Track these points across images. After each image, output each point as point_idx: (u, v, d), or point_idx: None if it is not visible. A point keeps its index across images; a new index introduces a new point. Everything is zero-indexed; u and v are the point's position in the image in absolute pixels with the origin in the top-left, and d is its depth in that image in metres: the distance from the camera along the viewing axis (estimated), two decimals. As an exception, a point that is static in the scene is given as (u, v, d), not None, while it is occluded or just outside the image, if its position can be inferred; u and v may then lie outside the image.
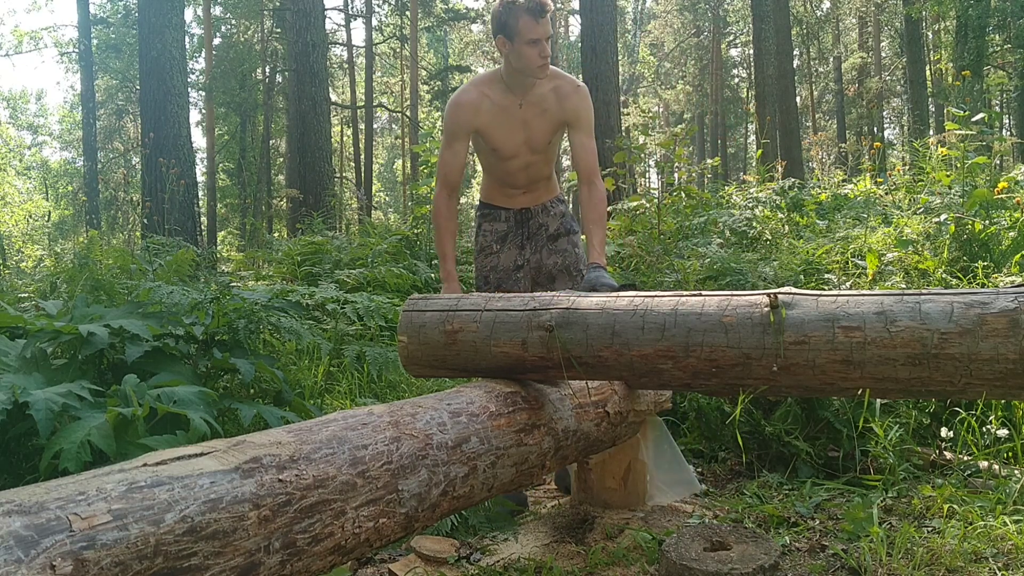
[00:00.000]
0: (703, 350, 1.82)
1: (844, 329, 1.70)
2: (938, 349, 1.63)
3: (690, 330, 1.84)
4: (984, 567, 2.10)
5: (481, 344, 2.10)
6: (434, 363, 2.20)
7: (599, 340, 1.95)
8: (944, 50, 18.89)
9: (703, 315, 1.85)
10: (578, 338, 1.97)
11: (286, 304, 3.25)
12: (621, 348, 1.92)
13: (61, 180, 29.80)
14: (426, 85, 27.55)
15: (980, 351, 1.60)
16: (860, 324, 1.69)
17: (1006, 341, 1.57)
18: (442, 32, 31.25)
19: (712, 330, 1.82)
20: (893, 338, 1.66)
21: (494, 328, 2.08)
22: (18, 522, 1.00)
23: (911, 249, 4.56)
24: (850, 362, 1.70)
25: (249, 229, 17.04)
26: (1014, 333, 1.57)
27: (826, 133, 27.49)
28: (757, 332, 1.77)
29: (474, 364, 2.15)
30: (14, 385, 2.07)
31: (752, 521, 2.56)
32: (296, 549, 1.32)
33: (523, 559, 2.28)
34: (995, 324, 1.59)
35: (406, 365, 2.27)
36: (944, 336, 1.62)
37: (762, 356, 1.77)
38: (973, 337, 1.60)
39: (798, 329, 1.74)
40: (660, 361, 1.89)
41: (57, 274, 4.68)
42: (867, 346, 1.68)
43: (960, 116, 4.94)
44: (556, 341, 1.98)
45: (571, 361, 1.99)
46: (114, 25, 25.77)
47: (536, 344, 2.03)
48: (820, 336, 1.72)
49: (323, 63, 13.43)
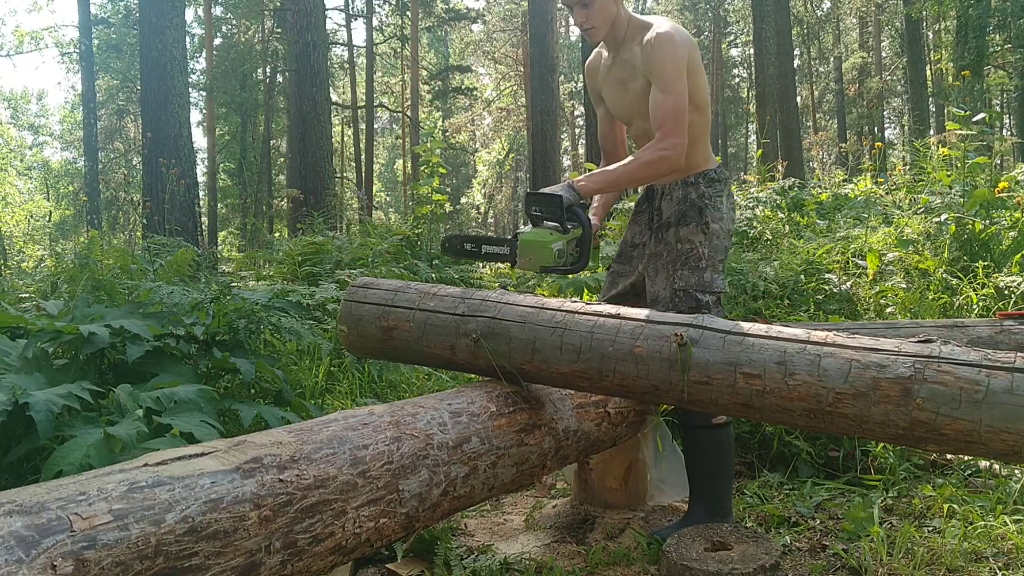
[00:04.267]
0: (616, 376, 1.88)
1: (745, 376, 1.72)
2: (832, 407, 1.62)
3: (603, 356, 1.89)
4: (984, 567, 2.10)
5: (414, 343, 2.17)
6: (375, 353, 2.33)
7: (521, 354, 2.01)
8: (944, 50, 18.88)
9: (616, 342, 1.89)
10: (502, 350, 2.02)
11: (287, 304, 3.25)
12: (541, 364, 1.98)
13: (62, 180, 29.82)
14: (427, 85, 27.55)
15: (872, 415, 1.58)
16: (761, 373, 1.70)
17: (896, 409, 1.55)
18: (443, 32, 31.26)
19: (624, 359, 1.86)
20: (791, 391, 1.66)
21: (425, 330, 2.15)
22: (19, 522, 1.00)
23: (911, 249, 4.56)
24: (750, 407, 1.73)
25: (250, 229, 17.04)
26: (905, 403, 1.54)
27: (826, 133, 27.51)
28: (664, 367, 1.81)
29: (410, 359, 2.27)
30: (15, 385, 2.07)
31: (753, 521, 2.56)
32: (297, 549, 1.32)
33: (523, 559, 2.28)
34: (888, 391, 1.56)
35: (348, 350, 2.39)
36: (839, 396, 1.61)
37: (669, 389, 1.82)
38: (866, 401, 1.58)
39: (702, 371, 1.77)
40: (578, 380, 1.96)
41: (58, 274, 4.68)
42: (766, 395, 1.69)
43: (961, 116, 4.94)
44: (482, 349, 2.04)
45: (495, 370, 2.05)
46: (115, 25, 25.78)
47: (463, 350, 2.09)
48: (722, 380, 1.74)
49: (324, 63, 13.44)
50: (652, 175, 2.34)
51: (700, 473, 2.43)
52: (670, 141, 2.25)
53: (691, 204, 2.42)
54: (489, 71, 33.31)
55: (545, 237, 2.20)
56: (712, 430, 2.37)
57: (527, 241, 2.21)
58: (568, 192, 2.23)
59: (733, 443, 2.47)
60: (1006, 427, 1.47)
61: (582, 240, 2.26)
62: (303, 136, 12.80)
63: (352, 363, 3.81)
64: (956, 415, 1.50)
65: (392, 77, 31.74)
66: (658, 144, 2.26)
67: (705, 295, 2.34)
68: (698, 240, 2.39)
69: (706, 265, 2.37)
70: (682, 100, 2.26)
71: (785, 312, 3.99)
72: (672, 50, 2.27)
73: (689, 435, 2.45)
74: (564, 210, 2.21)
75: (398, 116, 29.73)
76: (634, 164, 2.30)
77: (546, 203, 2.23)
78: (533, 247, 2.19)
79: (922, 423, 1.53)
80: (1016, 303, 3.84)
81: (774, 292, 4.16)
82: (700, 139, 2.43)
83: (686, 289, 2.35)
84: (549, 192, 2.24)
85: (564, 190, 2.24)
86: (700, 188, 2.43)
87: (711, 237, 2.39)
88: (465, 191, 34.70)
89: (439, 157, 6.57)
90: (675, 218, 2.43)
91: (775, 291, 4.17)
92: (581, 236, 2.25)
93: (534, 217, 2.27)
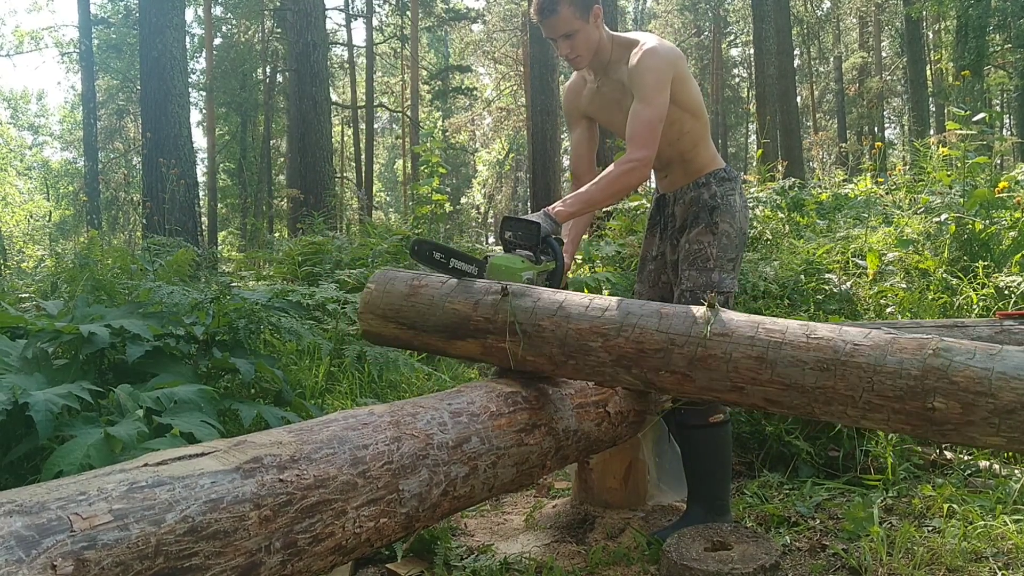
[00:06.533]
0: (633, 332, 1.92)
1: (767, 329, 1.79)
2: (848, 357, 1.67)
3: (628, 313, 1.95)
4: (984, 566, 2.11)
5: (438, 299, 2.20)
6: (388, 314, 2.29)
7: (545, 309, 2.04)
8: (944, 50, 18.89)
9: (644, 307, 1.97)
10: (527, 305, 2.06)
11: (286, 304, 3.25)
12: (561, 320, 2.01)
13: (62, 180, 29.81)
14: (427, 85, 27.55)
15: (886, 364, 1.62)
16: (783, 328, 1.78)
17: (911, 358, 1.61)
18: (443, 32, 31.27)
19: (648, 316, 1.93)
20: (808, 343, 1.73)
21: (455, 289, 2.20)
22: (19, 522, 1.00)
23: (911, 249, 4.57)
24: (763, 360, 1.76)
25: (250, 229, 17.05)
26: (919, 351, 1.62)
27: (827, 133, 27.50)
28: (688, 322, 1.88)
29: (423, 320, 2.23)
30: (15, 385, 2.07)
31: (753, 521, 2.56)
32: (297, 549, 1.32)
33: (523, 559, 2.28)
34: (905, 344, 1.64)
35: (362, 312, 2.35)
36: (856, 347, 1.68)
37: (684, 344, 1.85)
38: (882, 352, 1.64)
39: (724, 324, 1.84)
40: (592, 338, 1.96)
41: (58, 274, 4.68)
42: (783, 346, 1.75)
43: (961, 116, 4.94)
44: (507, 304, 2.07)
45: (514, 326, 2.05)
46: (115, 25, 25.77)
47: (486, 305, 2.11)
48: (743, 332, 1.80)
49: (324, 63, 13.45)
50: (623, 187, 2.37)
51: (698, 472, 2.44)
52: (640, 153, 2.28)
53: (703, 205, 2.45)
54: (489, 71, 33.30)
55: (516, 264, 2.19)
56: (709, 429, 2.38)
57: (497, 265, 2.20)
58: (546, 221, 2.23)
59: (731, 442, 2.48)
60: (1018, 374, 1.50)
61: (553, 274, 2.26)
62: (303, 136, 12.80)
63: (352, 363, 3.81)
64: (970, 363, 1.55)
65: (392, 77, 31.74)
66: (627, 156, 2.30)
67: (712, 296, 2.35)
68: (707, 240, 2.41)
69: (714, 266, 2.39)
70: (659, 113, 2.30)
71: (785, 312, 4.00)
72: (654, 64, 2.31)
73: (686, 435, 2.46)
74: (540, 239, 2.20)
75: (398, 116, 29.74)
76: (604, 180, 2.31)
77: (523, 230, 2.22)
78: (502, 272, 2.18)
79: (935, 370, 1.57)
80: (1016, 303, 3.84)
81: (774, 292, 4.17)
82: (702, 141, 2.48)
83: (692, 290, 2.38)
84: (527, 219, 2.23)
85: (542, 219, 2.23)
86: (712, 188, 2.46)
87: (719, 237, 2.41)
88: (465, 191, 34.69)
89: (439, 157, 6.57)
90: (689, 220, 2.47)
91: (775, 291, 4.17)
92: (553, 270, 2.25)
93: (507, 242, 2.27)
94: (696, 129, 2.46)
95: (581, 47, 2.40)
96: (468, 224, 25.70)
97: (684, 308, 1.92)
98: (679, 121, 2.42)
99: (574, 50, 2.40)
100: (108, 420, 2.07)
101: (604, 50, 2.44)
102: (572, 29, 2.36)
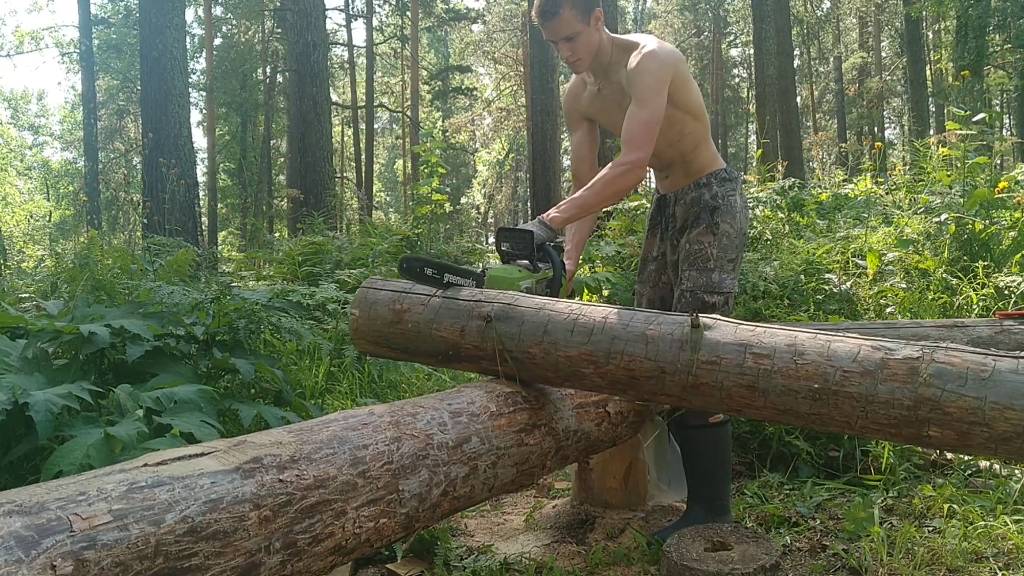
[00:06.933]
0: (623, 359, 1.86)
1: (755, 356, 1.72)
2: (838, 386, 1.62)
3: (614, 338, 1.88)
4: (984, 567, 2.10)
5: (424, 326, 2.15)
6: (379, 340, 2.26)
7: (531, 336, 1.99)
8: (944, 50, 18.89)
9: (629, 326, 1.89)
10: (512, 331, 2.01)
11: (286, 304, 3.25)
12: (549, 347, 1.97)
13: (62, 180, 29.81)
14: (427, 85, 27.56)
15: (877, 393, 1.58)
16: (770, 353, 1.70)
17: (903, 387, 1.57)
18: (443, 32, 31.28)
19: (634, 340, 1.85)
20: (798, 370, 1.67)
21: (439, 313, 2.13)
22: (19, 522, 1.00)
23: (911, 249, 4.56)
24: (755, 389, 1.71)
25: (250, 229, 17.05)
26: (911, 380, 1.57)
27: (826, 133, 27.50)
28: (675, 347, 1.81)
29: (414, 346, 2.19)
30: (15, 385, 2.07)
31: (753, 521, 2.56)
32: (297, 549, 1.32)
33: (523, 559, 2.28)
34: (895, 369, 1.58)
35: (354, 338, 2.33)
36: (846, 374, 1.62)
37: (675, 372, 1.80)
38: (872, 379, 1.59)
39: (712, 350, 1.77)
40: (583, 364, 1.93)
41: (58, 274, 4.68)
42: (773, 375, 1.69)
43: (960, 116, 4.94)
44: (492, 331, 2.02)
45: (503, 354, 2.01)
46: (115, 25, 25.78)
47: (473, 333, 2.07)
48: (731, 360, 1.74)
49: (324, 63, 13.45)
50: (618, 190, 2.36)
51: (698, 472, 2.44)
52: (634, 155, 2.27)
53: (704, 205, 2.44)
54: (489, 71, 33.31)
55: (513, 274, 2.18)
56: (709, 429, 2.38)
57: (495, 277, 2.18)
58: (540, 228, 2.23)
59: (730, 442, 2.48)
60: (1011, 403, 1.48)
61: (552, 281, 2.25)
62: (303, 136, 12.80)
63: (352, 363, 3.81)
64: (962, 392, 1.52)
65: (392, 77, 31.75)
66: (621, 159, 2.29)
67: (712, 296, 2.36)
68: (707, 241, 2.41)
69: (714, 266, 2.40)
70: (655, 115, 2.29)
71: (785, 312, 3.99)
72: (652, 66, 2.30)
73: (686, 435, 2.46)
74: (535, 248, 2.19)
75: (398, 116, 29.74)
76: (599, 184, 2.29)
77: (517, 239, 2.21)
78: (500, 283, 2.17)
79: (927, 400, 1.54)
80: (1016, 303, 3.84)
81: (774, 292, 4.16)
82: (703, 142, 2.49)
83: (692, 290, 2.38)
84: (520, 228, 2.22)
85: (536, 226, 2.23)
86: (713, 188, 2.46)
87: (720, 238, 2.41)
88: (465, 191, 34.69)
89: (439, 157, 6.57)
90: (690, 221, 2.46)
91: (775, 291, 4.17)
92: (552, 277, 2.24)
93: (504, 253, 2.26)
94: (697, 130, 2.46)
95: (582, 50, 2.40)
96: (468, 224, 25.68)
97: (670, 328, 1.85)
98: (680, 123, 2.42)
99: (575, 53, 2.40)
100: (108, 420, 2.07)
101: (604, 52, 2.44)
102: (573, 32, 2.36)
